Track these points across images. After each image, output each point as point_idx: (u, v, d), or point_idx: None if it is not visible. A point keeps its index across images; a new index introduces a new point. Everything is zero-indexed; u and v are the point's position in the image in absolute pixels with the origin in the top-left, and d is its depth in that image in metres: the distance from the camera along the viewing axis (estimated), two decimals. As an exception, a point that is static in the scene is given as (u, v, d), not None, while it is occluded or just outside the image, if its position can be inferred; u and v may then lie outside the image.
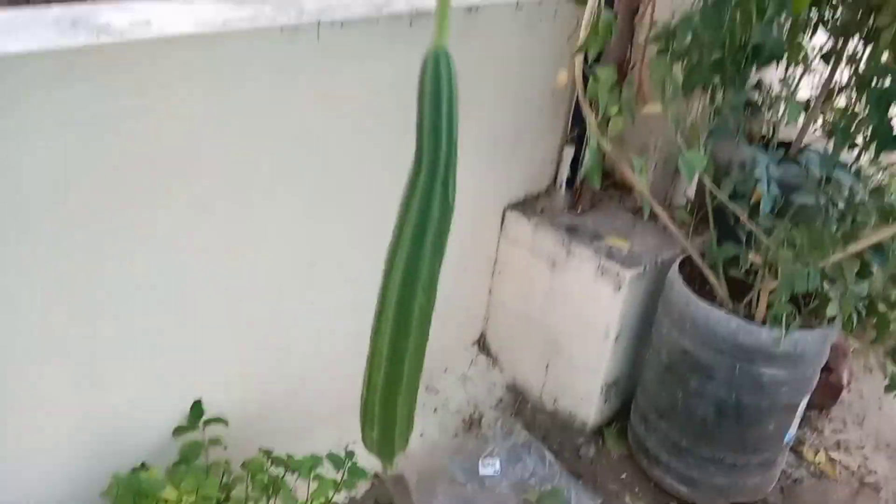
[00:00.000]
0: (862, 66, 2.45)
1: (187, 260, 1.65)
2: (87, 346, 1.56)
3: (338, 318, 2.12)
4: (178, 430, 1.75)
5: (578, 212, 2.52)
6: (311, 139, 1.79)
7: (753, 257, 1.91)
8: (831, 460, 2.54)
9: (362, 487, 2.17)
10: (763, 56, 2.09)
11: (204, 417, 1.77)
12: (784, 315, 1.80)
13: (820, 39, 2.64)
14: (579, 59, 1.85)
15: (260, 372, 1.99)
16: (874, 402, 2.84)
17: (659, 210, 2.03)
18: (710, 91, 2.11)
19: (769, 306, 2.05)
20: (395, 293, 0.67)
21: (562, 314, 2.44)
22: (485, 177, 2.37)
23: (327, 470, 1.75)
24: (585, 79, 1.87)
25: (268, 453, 1.77)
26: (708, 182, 1.92)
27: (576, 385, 2.48)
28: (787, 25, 2.17)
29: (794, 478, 2.45)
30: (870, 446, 2.63)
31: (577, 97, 2.38)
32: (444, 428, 2.44)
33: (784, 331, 1.82)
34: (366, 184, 2.00)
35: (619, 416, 2.57)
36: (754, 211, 2.02)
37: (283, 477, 1.70)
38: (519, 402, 2.62)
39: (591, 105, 1.89)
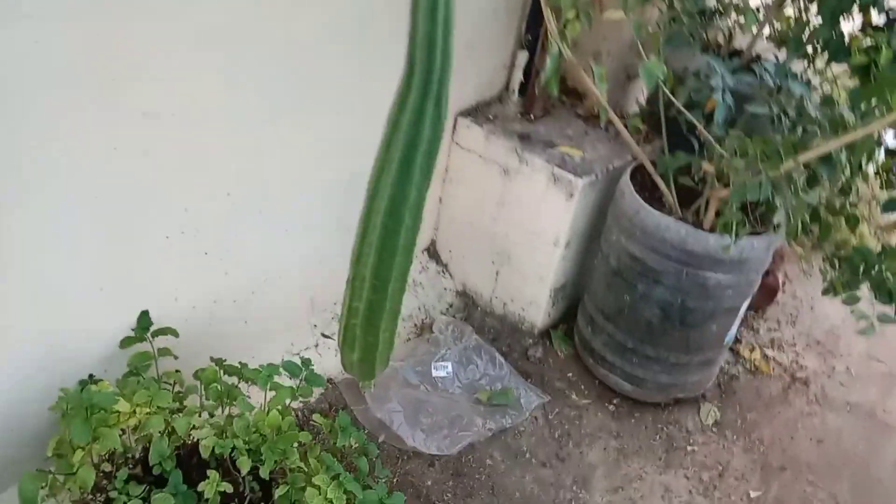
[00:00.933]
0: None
1: (133, 167, 1.57)
2: (33, 259, 1.49)
3: (290, 233, 2.08)
4: (126, 342, 1.71)
5: (531, 119, 2.49)
6: (270, 38, 1.70)
7: (706, 166, 1.94)
8: (766, 357, 2.69)
9: (316, 391, 2.20)
10: (723, -40, 2.05)
11: (153, 328, 1.74)
12: (734, 223, 1.85)
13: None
14: (539, -41, 1.78)
15: (209, 283, 1.95)
16: (807, 302, 2.99)
17: (614, 118, 2.02)
18: (667, -1, 2.08)
19: (718, 214, 2.10)
20: (380, 217, 0.65)
21: (512, 222, 2.45)
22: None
23: (283, 379, 1.76)
24: (545, -19, 1.81)
25: (220, 362, 1.76)
26: (665, 91, 1.91)
27: (525, 290, 2.53)
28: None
29: (731, 374, 2.59)
30: (801, 344, 2.78)
31: (532, 1, 2.31)
32: (397, 333, 2.47)
33: (734, 238, 1.87)
34: (332, 93, 1.92)
35: (566, 318, 2.65)
36: (708, 120, 2.03)
37: (237, 385, 1.70)
38: (469, 307, 2.66)
39: (551, 10, 1.83)
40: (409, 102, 0.58)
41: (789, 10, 2.65)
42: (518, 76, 2.50)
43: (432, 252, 2.75)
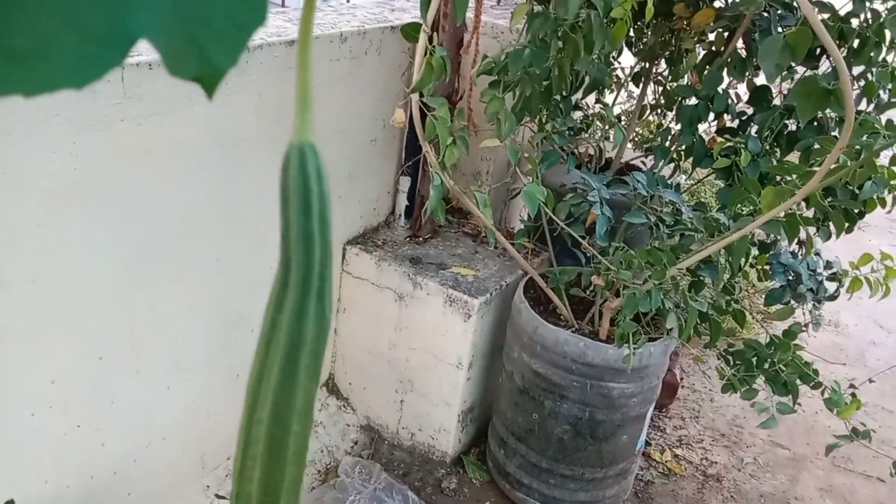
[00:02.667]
0: (670, 85, 2.62)
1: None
2: None
3: (171, 389, 1.92)
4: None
5: (420, 241, 2.47)
6: (133, 188, 1.61)
7: (596, 280, 1.96)
8: (676, 457, 2.68)
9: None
10: (588, 86, 2.16)
11: (19, 521, 1.52)
12: (630, 333, 1.85)
13: (629, 60, 2.80)
14: (415, 97, 1.81)
15: (84, 458, 1.75)
16: (706, 395, 3.04)
17: (501, 239, 2.03)
18: (537, 119, 2.15)
19: (612, 322, 2.11)
20: (264, 427, 0.56)
21: (412, 348, 2.38)
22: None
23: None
24: (422, 115, 1.83)
25: (101, 551, 1.56)
26: (546, 209, 1.94)
27: (432, 417, 2.43)
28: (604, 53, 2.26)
29: (646, 480, 2.55)
30: (708, 439, 2.80)
31: (408, 128, 2.34)
32: None
33: (631, 349, 1.88)
34: (203, 236, 1.83)
35: (478, 442, 2.56)
36: (590, 232, 2.08)
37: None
38: (375, 442, 2.53)
39: (428, 142, 1.85)
40: (287, 302, 0.51)
41: (652, 118, 2.83)
42: (403, 200, 2.50)
43: (331, 387, 2.62)
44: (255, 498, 0.67)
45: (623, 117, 2.91)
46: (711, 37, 2.45)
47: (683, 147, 2.39)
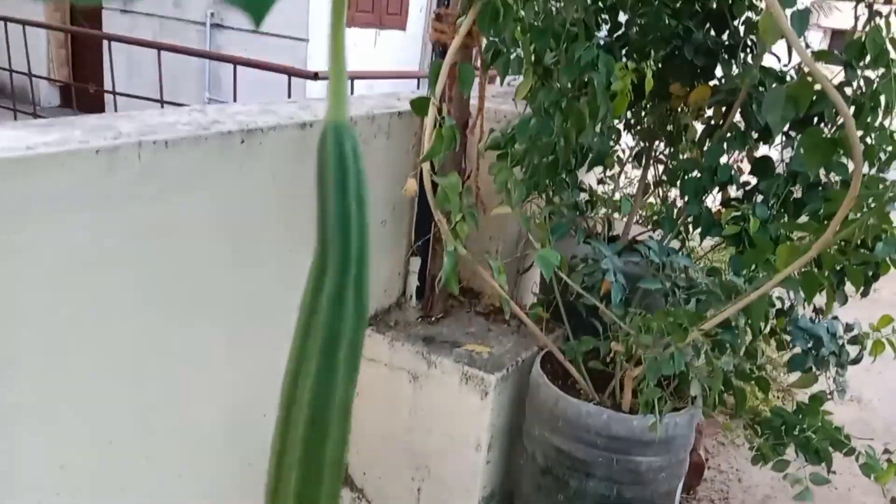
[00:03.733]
0: (671, 163, 2.67)
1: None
2: None
3: (183, 477, 1.86)
4: None
5: (432, 321, 2.45)
6: (144, 274, 1.61)
7: (615, 346, 1.93)
8: (708, 541, 2.55)
9: None
10: (592, 158, 2.20)
11: None
12: (655, 400, 1.81)
13: (628, 142, 2.88)
14: (426, 167, 1.84)
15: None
16: (734, 475, 2.93)
17: (517, 309, 2.02)
18: (545, 193, 2.19)
19: (634, 394, 2.06)
20: (300, 430, 0.53)
21: (428, 431, 2.31)
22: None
23: None
24: (434, 186, 1.85)
25: None
26: (562, 275, 1.93)
27: (452, 505, 2.33)
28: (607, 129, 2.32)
29: (679, 566, 2.42)
30: (739, 521, 2.68)
31: (417, 208, 2.37)
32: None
33: (658, 416, 1.82)
34: (210, 324, 1.82)
35: (500, 531, 2.44)
36: (604, 301, 2.06)
37: None
38: (393, 535, 2.41)
39: (441, 213, 1.87)
40: (325, 285, 0.49)
41: (657, 194, 2.86)
42: (414, 281, 2.49)
43: (344, 477, 2.53)
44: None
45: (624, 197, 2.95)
46: (709, 112, 2.52)
47: (690, 219, 2.42)
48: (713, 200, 2.52)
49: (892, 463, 2.02)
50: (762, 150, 2.44)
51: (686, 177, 2.35)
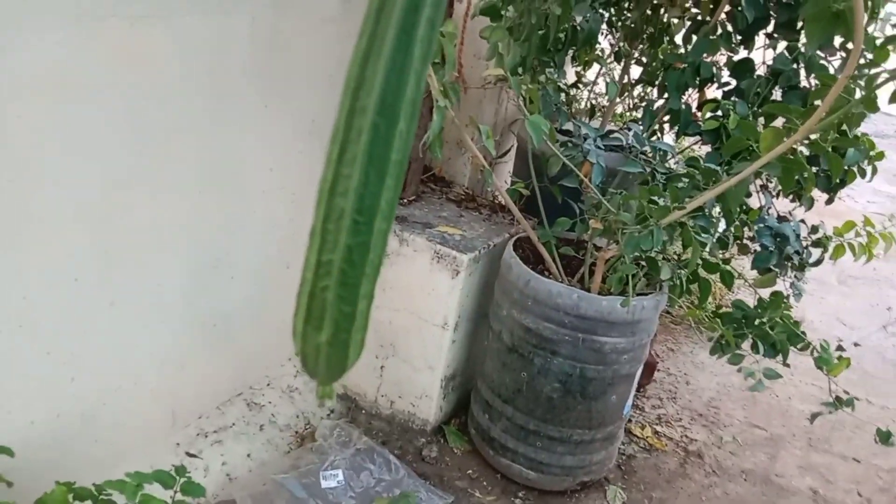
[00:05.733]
0: (654, 61, 2.65)
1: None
2: None
3: (148, 328, 1.81)
4: (-58, 469, 1.35)
5: (404, 202, 2.42)
6: (115, 99, 1.51)
7: (594, 223, 1.93)
8: (656, 434, 2.64)
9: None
10: (583, 38, 2.16)
11: (-22, 449, 1.39)
12: (629, 276, 1.82)
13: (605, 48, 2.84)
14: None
15: (52, 392, 1.62)
16: (682, 378, 3.02)
17: (497, 184, 1.99)
18: (531, 71, 2.14)
19: (604, 279, 2.08)
20: (368, 118, 0.48)
21: (396, 309, 2.30)
22: (312, 170, 2.19)
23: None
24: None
25: (69, 485, 1.43)
26: (551, 147, 1.90)
27: (414, 383, 2.34)
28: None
29: (628, 454, 2.50)
30: (686, 418, 2.77)
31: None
32: (275, 445, 2.18)
33: (632, 291, 1.84)
34: (179, 167, 1.74)
35: (458, 413, 2.48)
36: (582, 185, 2.06)
37: (93, 508, 1.37)
38: (352, 411, 2.42)
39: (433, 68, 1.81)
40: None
41: (636, 92, 2.85)
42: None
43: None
44: (348, 216, 0.58)
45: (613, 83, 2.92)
46: (695, 10, 2.50)
47: (668, 118, 2.41)
48: (690, 100, 2.52)
49: (842, 358, 2.10)
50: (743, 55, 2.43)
51: (669, 71, 2.33)
